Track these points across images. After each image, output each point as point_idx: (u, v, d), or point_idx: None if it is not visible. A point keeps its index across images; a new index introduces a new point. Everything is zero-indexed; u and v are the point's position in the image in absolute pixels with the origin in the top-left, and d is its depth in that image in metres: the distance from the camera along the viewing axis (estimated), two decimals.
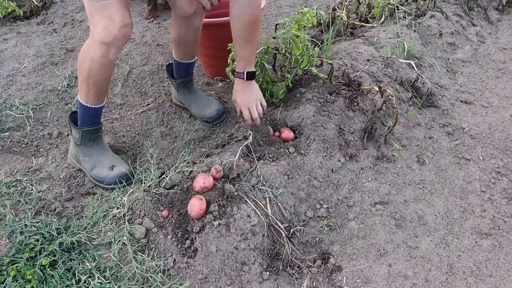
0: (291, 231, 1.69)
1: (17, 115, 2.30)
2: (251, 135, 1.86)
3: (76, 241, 1.55)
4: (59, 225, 1.61)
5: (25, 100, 2.41)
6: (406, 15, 3.01)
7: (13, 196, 1.77)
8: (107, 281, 1.43)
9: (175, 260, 1.53)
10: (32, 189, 1.81)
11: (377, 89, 2.09)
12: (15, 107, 2.35)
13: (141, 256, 1.51)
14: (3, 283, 1.40)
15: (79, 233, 1.58)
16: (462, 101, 2.50)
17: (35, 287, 1.40)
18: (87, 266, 1.47)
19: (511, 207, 1.83)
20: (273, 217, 1.65)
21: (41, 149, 2.11)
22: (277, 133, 2.00)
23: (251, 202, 1.63)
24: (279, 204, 1.71)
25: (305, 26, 2.26)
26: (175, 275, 1.50)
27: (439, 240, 1.70)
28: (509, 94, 2.56)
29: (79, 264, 1.48)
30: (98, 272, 1.46)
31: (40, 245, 1.53)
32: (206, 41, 2.29)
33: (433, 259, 1.63)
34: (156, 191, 1.67)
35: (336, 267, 1.60)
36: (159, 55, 2.87)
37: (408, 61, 2.56)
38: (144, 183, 1.72)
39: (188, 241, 1.56)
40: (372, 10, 3.08)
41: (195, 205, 1.57)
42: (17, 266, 1.44)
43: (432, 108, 2.40)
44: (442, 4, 3.26)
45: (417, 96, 2.43)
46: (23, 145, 2.13)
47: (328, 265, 1.60)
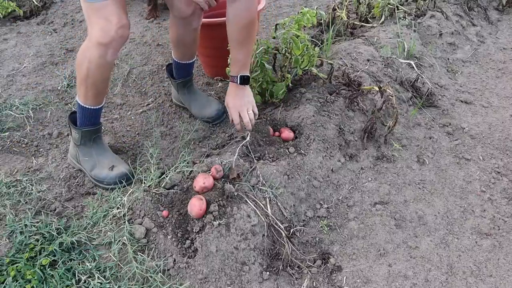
0: (291, 231, 1.69)
1: (17, 115, 2.30)
2: (249, 135, 1.86)
3: (76, 241, 1.55)
4: (59, 225, 1.61)
5: (25, 100, 2.41)
6: (406, 15, 3.01)
7: (13, 196, 1.77)
8: (107, 281, 1.43)
9: (175, 260, 1.53)
10: (32, 189, 1.81)
11: (377, 89, 2.09)
12: (15, 107, 2.35)
13: (141, 256, 1.51)
14: (3, 283, 1.40)
15: (79, 233, 1.58)
16: (462, 101, 2.50)
17: (35, 287, 1.39)
18: (87, 266, 1.47)
19: (511, 207, 1.83)
20: (273, 217, 1.65)
21: (41, 149, 2.11)
22: (277, 133, 2.00)
23: (251, 202, 1.63)
24: (279, 204, 1.71)
25: (305, 26, 2.26)
26: (175, 275, 1.50)
27: (439, 240, 1.70)
28: (509, 94, 2.56)
29: (79, 264, 1.48)
30: (98, 272, 1.46)
31: (40, 245, 1.52)
32: (206, 41, 2.29)
33: (433, 259, 1.63)
34: (156, 191, 1.67)
35: (336, 267, 1.60)
36: (159, 55, 2.87)
37: (408, 61, 2.56)
38: (144, 183, 1.72)
39: (188, 241, 1.56)
40: (372, 10, 3.08)
41: (195, 205, 1.57)
42: (17, 266, 1.44)
43: (432, 108, 2.40)
44: (442, 4, 3.26)
45: (417, 96, 2.43)
46: (23, 145, 2.13)
47: (328, 265, 1.60)
